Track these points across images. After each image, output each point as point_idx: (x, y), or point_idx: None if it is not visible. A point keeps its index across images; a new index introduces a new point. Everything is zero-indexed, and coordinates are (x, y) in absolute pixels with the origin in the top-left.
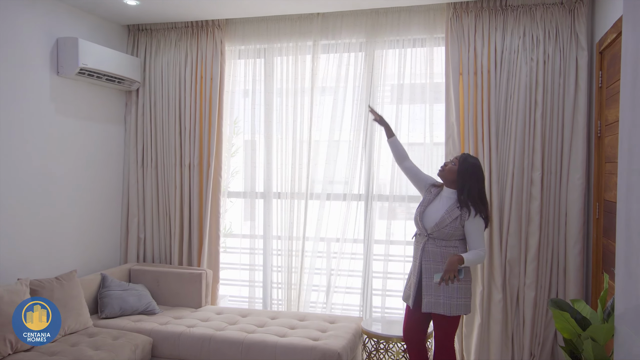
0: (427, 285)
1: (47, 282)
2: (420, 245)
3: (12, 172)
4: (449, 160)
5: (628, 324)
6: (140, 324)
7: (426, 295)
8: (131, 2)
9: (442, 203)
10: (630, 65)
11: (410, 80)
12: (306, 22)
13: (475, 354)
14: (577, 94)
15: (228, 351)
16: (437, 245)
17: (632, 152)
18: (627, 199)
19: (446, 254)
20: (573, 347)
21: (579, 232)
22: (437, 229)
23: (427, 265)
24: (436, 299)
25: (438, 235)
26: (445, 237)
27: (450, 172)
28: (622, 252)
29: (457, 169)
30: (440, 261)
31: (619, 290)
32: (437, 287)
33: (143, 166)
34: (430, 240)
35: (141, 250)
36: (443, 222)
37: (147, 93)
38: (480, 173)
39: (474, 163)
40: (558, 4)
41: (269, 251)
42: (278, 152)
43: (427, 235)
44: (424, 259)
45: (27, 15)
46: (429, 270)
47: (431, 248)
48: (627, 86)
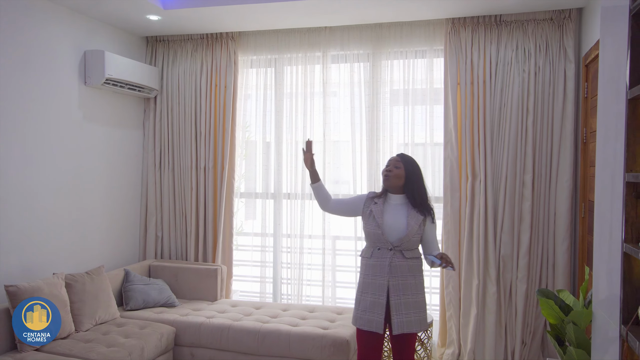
0: (397, 304)
1: (79, 276)
2: (385, 261)
3: (45, 175)
4: (391, 165)
5: (604, 310)
6: (162, 315)
7: (396, 316)
8: (153, 17)
9: (397, 211)
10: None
11: (412, 86)
12: (315, 34)
13: (471, 342)
14: (565, 103)
15: (245, 339)
16: (404, 258)
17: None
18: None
19: (412, 266)
20: (558, 332)
21: (566, 229)
22: (408, 240)
23: (395, 282)
24: (407, 317)
25: (406, 246)
26: (412, 246)
27: (398, 178)
28: (598, 247)
29: (404, 173)
30: (408, 274)
31: (596, 280)
32: (407, 305)
33: (161, 169)
34: (397, 253)
35: (159, 247)
36: (412, 230)
37: (165, 100)
38: (421, 172)
39: (417, 163)
40: (548, 19)
41: (279, 248)
42: (288, 155)
43: (392, 248)
44: (392, 275)
45: (58, 30)
46: (398, 288)
47: (399, 262)
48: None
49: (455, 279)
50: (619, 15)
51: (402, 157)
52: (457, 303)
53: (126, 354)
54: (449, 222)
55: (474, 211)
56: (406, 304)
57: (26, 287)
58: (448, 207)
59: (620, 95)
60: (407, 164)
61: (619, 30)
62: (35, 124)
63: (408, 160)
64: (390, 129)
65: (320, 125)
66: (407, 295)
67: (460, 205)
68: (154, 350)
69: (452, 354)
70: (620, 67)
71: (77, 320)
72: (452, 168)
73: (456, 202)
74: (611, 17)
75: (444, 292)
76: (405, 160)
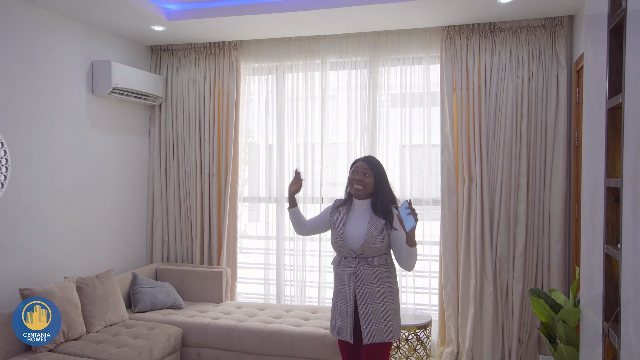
0: (365, 313)
1: (89, 279)
2: (350, 269)
3: (54, 182)
4: (359, 174)
5: (591, 308)
6: (170, 317)
7: (365, 325)
8: (158, 28)
9: (359, 218)
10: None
11: (409, 90)
12: (314, 42)
13: (469, 341)
14: (557, 107)
15: (250, 339)
16: (370, 266)
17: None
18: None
19: (379, 273)
20: (549, 329)
21: (560, 231)
22: (368, 246)
23: (361, 290)
24: (377, 326)
25: (369, 253)
26: (376, 253)
27: (369, 186)
28: (585, 248)
29: (374, 180)
30: (374, 282)
31: (584, 280)
32: (375, 313)
33: (166, 174)
34: (362, 261)
35: (165, 251)
36: (372, 237)
37: (169, 107)
38: (386, 175)
39: (382, 167)
40: (540, 27)
41: (282, 251)
42: (290, 159)
43: (356, 257)
44: (358, 284)
45: (67, 42)
46: (365, 296)
47: (364, 270)
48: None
49: (453, 280)
50: (601, 25)
51: (369, 162)
52: (455, 303)
53: (136, 354)
54: (447, 224)
55: (470, 213)
56: (375, 313)
57: (39, 290)
58: (445, 209)
59: (602, 104)
60: (376, 171)
61: (601, 40)
62: (46, 133)
63: (376, 165)
64: (387, 131)
65: (319, 129)
66: (375, 303)
67: (457, 208)
68: (162, 351)
69: (451, 353)
70: (602, 77)
71: (88, 322)
72: (449, 171)
73: (453, 205)
74: (595, 26)
75: (442, 292)
76: (373, 166)
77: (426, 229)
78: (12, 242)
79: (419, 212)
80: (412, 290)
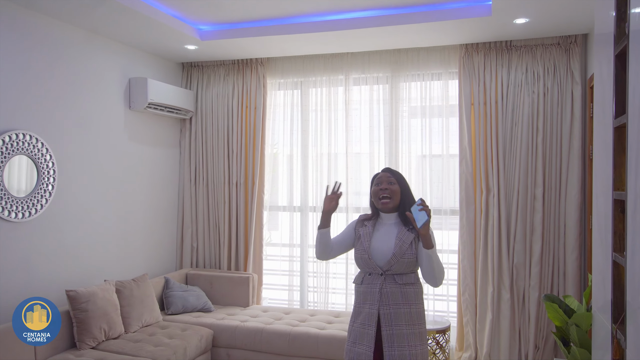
0: (388, 336)
1: (127, 282)
2: (376, 288)
3: (95, 191)
4: (384, 184)
5: (602, 313)
6: (201, 319)
7: (388, 349)
8: (191, 47)
9: (386, 231)
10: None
11: (429, 103)
12: (337, 59)
13: (487, 346)
14: (572, 122)
15: (277, 341)
16: (397, 284)
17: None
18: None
19: (406, 293)
20: (563, 333)
21: (575, 240)
22: (396, 261)
23: (386, 310)
24: (400, 350)
25: (397, 270)
26: (405, 270)
27: (397, 194)
28: (596, 256)
29: (400, 188)
30: (401, 303)
31: (595, 286)
32: (399, 336)
33: (196, 184)
34: (388, 278)
35: (194, 257)
36: (401, 251)
37: (199, 121)
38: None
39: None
40: (556, 44)
41: (305, 258)
42: (313, 169)
43: (382, 273)
44: (383, 303)
45: (107, 60)
46: (389, 317)
47: (390, 288)
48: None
49: (471, 287)
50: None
51: (391, 171)
52: (474, 309)
53: (172, 352)
54: (465, 233)
55: (488, 223)
56: (399, 336)
57: (83, 292)
58: (464, 219)
59: (609, 123)
60: (400, 180)
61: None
62: (88, 145)
63: (398, 175)
64: (409, 141)
65: (343, 140)
66: (400, 326)
67: (475, 218)
68: (195, 350)
69: (469, 358)
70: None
71: (126, 323)
72: (467, 182)
73: (471, 215)
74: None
75: (460, 299)
76: (396, 176)
77: (444, 238)
78: (58, 246)
79: (438, 222)
80: (432, 297)
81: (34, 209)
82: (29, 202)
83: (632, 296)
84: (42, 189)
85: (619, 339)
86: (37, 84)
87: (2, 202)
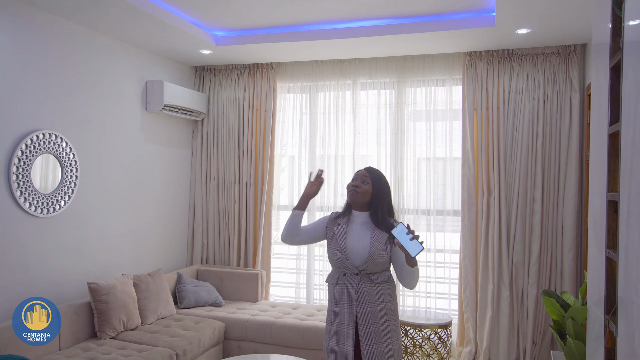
0: (366, 334)
1: (143, 277)
2: (352, 287)
3: (113, 189)
4: (358, 180)
5: (596, 306)
6: (213, 313)
7: (366, 346)
8: (206, 52)
9: (360, 231)
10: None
11: (433, 107)
12: (345, 65)
13: (487, 341)
14: (571, 127)
15: (287, 334)
16: (373, 283)
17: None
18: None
19: (381, 291)
20: (559, 327)
21: (572, 241)
22: (372, 261)
23: (363, 309)
24: (378, 347)
25: (372, 269)
26: (379, 269)
27: (366, 194)
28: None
29: (372, 189)
30: (377, 300)
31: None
32: (377, 334)
33: (207, 184)
34: (364, 278)
35: (204, 253)
36: (377, 251)
37: (211, 122)
38: (389, 188)
39: (385, 179)
40: (555, 53)
41: (312, 257)
42: None
43: (357, 273)
44: (360, 303)
45: (124, 64)
46: (366, 315)
47: (366, 287)
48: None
49: (472, 285)
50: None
51: (371, 171)
52: (474, 306)
53: (187, 343)
54: (467, 233)
55: (489, 224)
56: (376, 333)
57: (104, 285)
58: (466, 219)
59: (604, 130)
60: (376, 180)
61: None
62: (107, 145)
63: (376, 175)
64: (414, 144)
65: (350, 143)
66: (377, 323)
67: (476, 219)
68: (208, 342)
69: (470, 352)
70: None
71: (142, 315)
72: (469, 185)
73: (473, 216)
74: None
75: (461, 296)
76: (373, 176)
77: (446, 239)
78: (79, 240)
79: (440, 223)
80: (434, 295)
81: (57, 205)
82: (53, 198)
83: (623, 289)
84: (65, 186)
85: (611, 329)
86: (62, 87)
87: (30, 198)
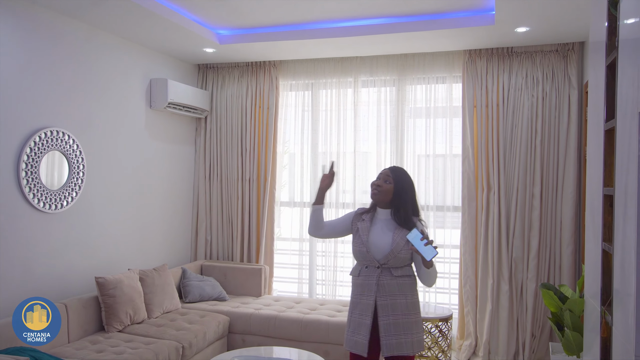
0: (385, 325)
1: (149, 271)
2: (373, 280)
3: (118, 185)
4: (380, 180)
5: (593, 298)
6: (217, 307)
7: (385, 337)
8: (209, 50)
9: (383, 227)
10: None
11: (433, 104)
12: (347, 63)
13: (487, 334)
14: (569, 124)
15: (290, 327)
16: (393, 276)
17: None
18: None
19: (402, 285)
20: (557, 318)
21: (571, 236)
22: (393, 256)
23: (383, 301)
24: (397, 339)
25: (394, 263)
26: (400, 264)
27: (387, 193)
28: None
29: (394, 189)
30: (398, 293)
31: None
32: (396, 325)
33: (210, 180)
34: (385, 271)
35: (208, 249)
36: (398, 247)
37: (214, 120)
38: (414, 187)
39: (409, 179)
40: (554, 51)
41: (314, 252)
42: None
43: (379, 266)
44: (380, 294)
45: (128, 61)
46: (386, 307)
47: (387, 280)
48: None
49: (472, 279)
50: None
51: (394, 171)
52: (474, 300)
53: (193, 335)
54: (467, 228)
55: (488, 219)
56: (396, 325)
57: (111, 279)
58: (466, 215)
59: (600, 126)
60: (398, 180)
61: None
62: (113, 142)
63: (399, 175)
64: (414, 141)
65: (351, 139)
66: (396, 315)
67: (476, 214)
68: (213, 335)
69: (470, 345)
70: (601, 104)
71: (148, 309)
72: (469, 181)
73: (473, 211)
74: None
75: (462, 290)
76: (396, 175)
77: (447, 234)
78: (85, 236)
79: (440, 219)
80: (434, 290)
81: (65, 201)
82: (61, 194)
83: (619, 281)
84: (72, 182)
85: (607, 319)
86: (68, 85)
87: (38, 194)
